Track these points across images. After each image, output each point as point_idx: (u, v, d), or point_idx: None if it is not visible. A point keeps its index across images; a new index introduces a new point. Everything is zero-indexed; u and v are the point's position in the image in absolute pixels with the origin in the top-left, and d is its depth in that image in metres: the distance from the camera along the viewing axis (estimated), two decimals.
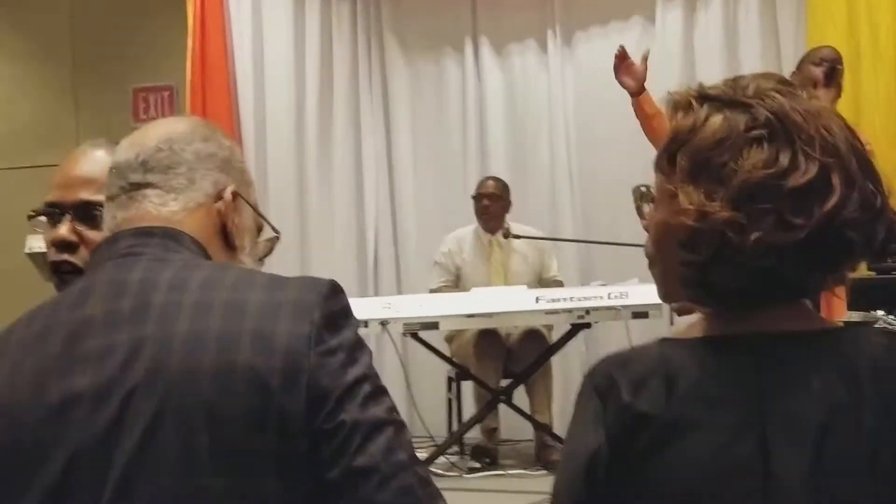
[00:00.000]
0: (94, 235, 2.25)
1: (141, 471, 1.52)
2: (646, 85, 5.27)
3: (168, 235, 1.70)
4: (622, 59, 5.34)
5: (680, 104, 1.70)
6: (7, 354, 1.64)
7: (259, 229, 1.84)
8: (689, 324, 1.71)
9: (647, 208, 1.77)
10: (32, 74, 10.09)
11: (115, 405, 1.55)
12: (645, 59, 5.31)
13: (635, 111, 5.23)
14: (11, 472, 1.57)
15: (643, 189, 1.91)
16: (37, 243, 8.25)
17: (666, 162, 1.68)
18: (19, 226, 10.26)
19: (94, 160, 2.25)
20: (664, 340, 1.69)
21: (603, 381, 1.65)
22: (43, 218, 2.32)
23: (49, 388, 1.58)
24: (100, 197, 1.91)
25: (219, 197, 1.76)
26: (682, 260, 1.63)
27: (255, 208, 1.82)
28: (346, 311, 1.62)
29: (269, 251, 1.90)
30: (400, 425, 1.59)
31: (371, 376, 1.60)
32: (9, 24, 10.17)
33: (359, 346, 1.61)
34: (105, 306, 1.62)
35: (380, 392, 1.59)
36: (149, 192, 1.73)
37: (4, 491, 1.56)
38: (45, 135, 10.05)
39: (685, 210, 1.61)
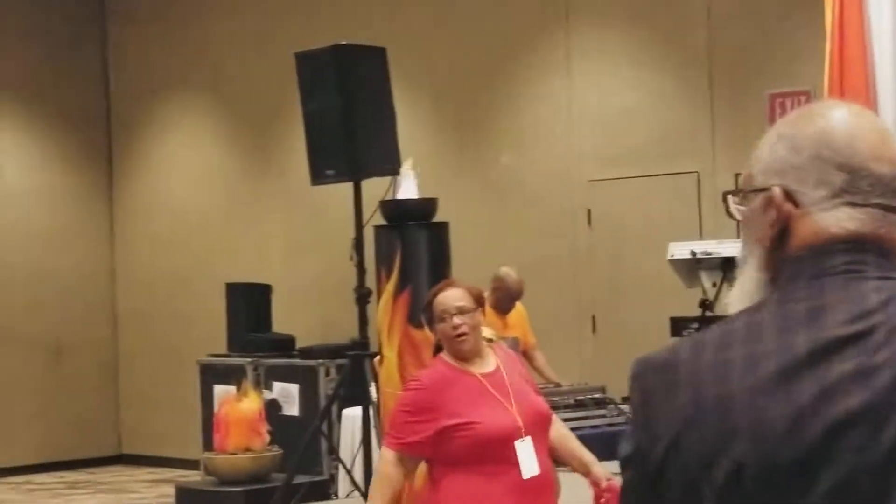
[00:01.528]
0: None
1: None
2: None
3: (880, 254, 1.63)
4: None
5: None
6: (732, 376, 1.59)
7: None
8: None
9: None
10: (670, 83, 10.28)
11: (893, 428, 1.51)
12: None
13: None
14: (771, 494, 1.54)
15: None
16: (679, 250, 8.41)
17: None
18: (659, 231, 10.50)
19: None
20: None
21: None
22: None
23: (813, 412, 1.54)
24: None
25: None
26: None
27: None
28: None
29: None
30: None
31: None
32: (650, 35, 10.42)
33: None
34: (850, 328, 1.56)
35: None
36: None
37: None
38: (682, 142, 10.20)
39: None
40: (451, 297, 4.68)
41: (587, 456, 4.93)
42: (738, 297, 1.72)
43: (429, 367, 4.82)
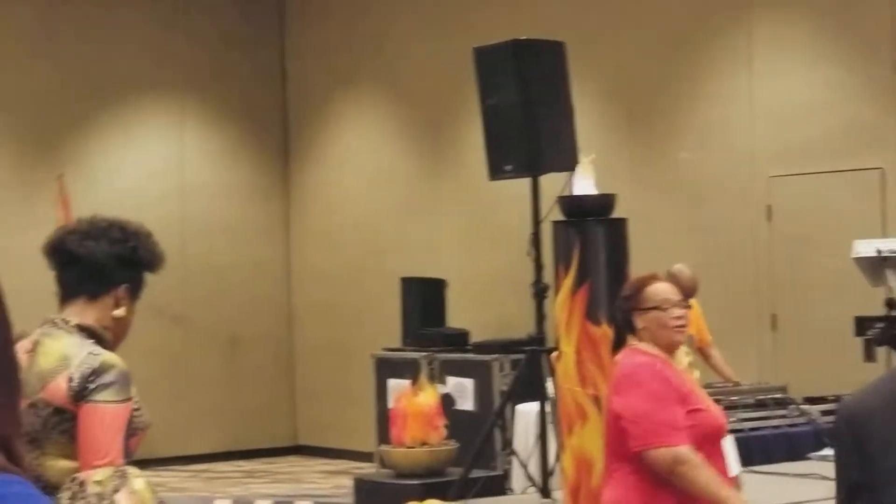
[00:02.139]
0: None
1: None
2: None
3: None
4: None
5: None
6: None
7: None
8: None
9: None
10: (853, 76, 10.04)
11: None
12: None
13: None
14: None
15: None
16: (864, 248, 8.20)
17: None
18: (842, 227, 10.25)
19: None
20: None
21: None
22: None
23: None
24: None
25: None
26: None
27: None
28: None
29: None
30: None
31: None
32: (833, 28, 10.18)
33: None
34: None
35: None
36: None
37: None
38: (866, 138, 9.95)
39: None
40: (670, 289, 4.63)
41: None
42: None
43: (637, 358, 4.54)
